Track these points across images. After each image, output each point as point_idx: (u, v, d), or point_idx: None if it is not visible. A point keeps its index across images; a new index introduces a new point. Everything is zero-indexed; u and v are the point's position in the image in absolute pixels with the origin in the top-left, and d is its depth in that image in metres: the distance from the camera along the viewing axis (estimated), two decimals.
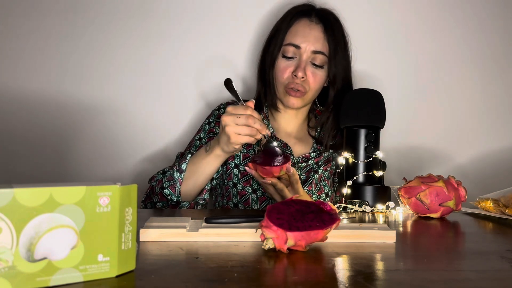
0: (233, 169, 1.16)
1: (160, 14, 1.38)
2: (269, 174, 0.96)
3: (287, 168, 0.95)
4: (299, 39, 1.15)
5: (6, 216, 0.41)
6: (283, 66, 1.16)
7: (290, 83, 1.15)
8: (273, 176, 0.96)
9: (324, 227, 0.58)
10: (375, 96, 1.11)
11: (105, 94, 1.36)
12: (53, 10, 1.34)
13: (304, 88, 1.15)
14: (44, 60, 1.34)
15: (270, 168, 0.95)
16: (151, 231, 0.63)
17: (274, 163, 0.95)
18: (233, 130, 0.93)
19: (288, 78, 1.15)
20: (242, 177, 1.15)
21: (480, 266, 0.56)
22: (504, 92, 1.49)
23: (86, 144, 1.36)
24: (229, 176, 1.16)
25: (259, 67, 1.25)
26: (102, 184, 0.46)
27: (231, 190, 1.14)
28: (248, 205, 1.14)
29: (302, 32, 1.16)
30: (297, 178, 0.98)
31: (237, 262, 0.53)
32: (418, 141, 1.47)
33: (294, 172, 0.97)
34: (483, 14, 1.48)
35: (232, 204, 1.15)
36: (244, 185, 1.14)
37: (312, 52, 1.15)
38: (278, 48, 1.17)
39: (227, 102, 1.24)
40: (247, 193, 1.13)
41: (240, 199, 1.14)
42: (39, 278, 0.43)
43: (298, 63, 1.15)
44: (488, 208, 1.00)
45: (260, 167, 0.96)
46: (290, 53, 1.15)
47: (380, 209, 1.01)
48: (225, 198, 1.16)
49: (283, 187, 0.98)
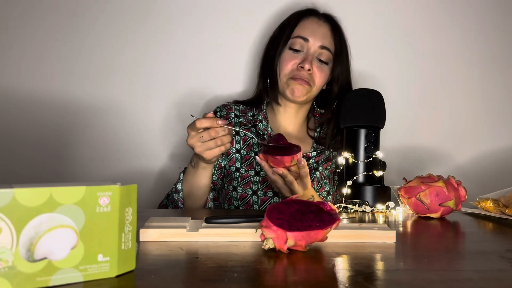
0: (234, 173, 1.16)
1: (162, 15, 1.38)
2: (280, 164, 0.95)
3: (298, 159, 0.94)
4: (307, 33, 1.16)
5: (6, 216, 0.41)
6: (289, 57, 1.16)
7: (295, 74, 1.15)
8: (284, 167, 0.95)
9: (324, 227, 0.58)
10: (375, 96, 1.11)
11: (105, 94, 1.36)
12: (54, 10, 1.34)
13: (309, 80, 1.15)
14: (44, 60, 1.34)
15: (282, 158, 0.94)
16: (151, 231, 0.63)
17: (285, 153, 0.94)
18: (202, 149, 0.94)
19: (293, 70, 1.15)
20: (242, 180, 1.15)
21: (480, 266, 0.56)
22: (504, 92, 1.49)
23: (86, 144, 1.36)
24: (230, 180, 1.16)
25: (261, 62, 1.25)
26: (102, 184, 0.46)
27: (232, 194, 1.14)
28: (250, 207, 1.14)
29: (310, 27, 1.17)
30: (307, 171, 0.97)
31: (237, 262, 0.53)
32: (418, 141, 1.47)
33: (305, 164, 0.96)
34: (483, 14, 1.47)
35: (234, 208, 1.15)
36: (244, 188, 1.14)
37: (320, 47, 1.16)
38: (285, 40, 1.18)
39: (223, 104, 1.24)
40: (248, 195, 1.13)
41: (241, 201, 1.14)
42: (39, 278, 0.43)
43: (305, 56, 1.16)
44: (488, 208, 1.00)
45: (271, 157, 0.95)
46: (297, 46, 1.17)
47: (380, 209, 1.01)
48: (226, 202, 1.16)
49: (293, 179, 0.97)
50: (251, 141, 1.19)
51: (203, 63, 1.40)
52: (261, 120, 1.22)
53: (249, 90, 1.40)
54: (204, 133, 0.93)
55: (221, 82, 1.41)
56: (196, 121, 0.93)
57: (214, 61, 1.40)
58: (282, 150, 0.96)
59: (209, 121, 0.93)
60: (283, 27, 1.21)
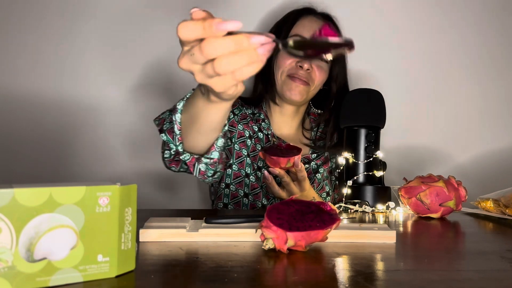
0: (226, 170, 1.15)
1: (161, 14, 1.38)
2: (276, 164, 0.97)
3: (295, 162, 0.96)
4: (306, 31, 1.16)
5: (6, 216, 0.41)
6: (287, 55, 1.15)
7: (294, 73, 1.14)
8: (280, 167, 0.97)
9: (324, 227, 0.58)
10: (375, 96, 1.10)
11: (105, 94, 1.36)
12: (52, 9, 1.34)
13: (308, 80, 1.14)
14: (44, 60, 1.34)
15: (277, 158, 0.96)
16: (151, 231, 0.63)
17: (284, 155, 0.97)
18: (202, 76, 0.54)
19: (292, 68, 1.14)
20: (235, 178, 1.14)
21: (480, 266, 0.56)
22: (504, 92, 1.49)
23: (86, 144, 1.36)
24: (222, 177, 1.15)
25: None
26: (102, 184, 0.46)
27: (223, 191, 1.14)
28: (239, 207, 1.13)
29: (309, 26, 1.17)
30: (304, 176, 0.98)
31: (237, 262, 0.53)
32: (418, 141, 1.47)
33: (302, 168, 0.97)
34: (482, 14, 1.47)
35: (222, 205, 1.14)
36: (236, 187, 1.13)
37: None
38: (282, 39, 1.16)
39: None
40: (239, 196, 1.13)
41: (231, 200, 1.13)
42: (39, 278, 0.43)
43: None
44: (488, 208, 1.00)
45: (268, 156, 0.98)
46: None
47: (380, 209, 1.01)
48: (216, 199, 1.16)
49: (290, 181, 0.98)
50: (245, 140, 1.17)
51: None
52: (264, 119, 1.21)
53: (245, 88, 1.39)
54: (195, 49, 0.50)
55: None
56: (189, 21, 0.49)
57: None
58: (282, 151, 0.98)
59: (207, 23, 0.47)
60: (280, 26, 1.20)
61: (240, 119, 1.18)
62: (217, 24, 0.46)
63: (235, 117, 1.19)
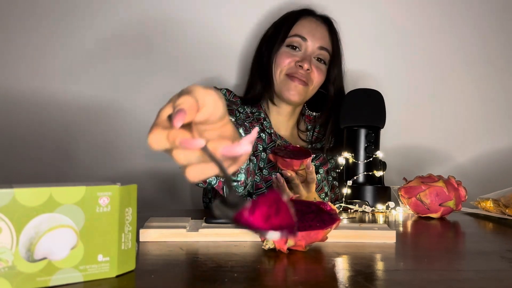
0: None
1: (160, 14, 1.38)
2: (289, 166, 0.96)
3: (307, 164, 0.95)
4: (306, 32, 1.15)
5: (6, 216, 0.41)
6: (287, 54, 1.15)
7: (293, 72, 1.14)
8: (292, 170, 0.96)
9: (324, 227, 0.58)
10: (375, 96, 1.11)
11: (105, 94, 1.36)
12: (53, 10, 1.34)
13: (307, 80, 1.14)
14: (44, 60, 1.34)
15: (291, 161, 0.95)
16: (151, 231, 0.63)
17: (296, 157, 0.95)
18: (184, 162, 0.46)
19: (291, 67, 1.14)
20: None
21: (480, 266, 0.56)
22: (504, 92, 1.49)
23: (86, 144, 1.36)
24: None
25: (254, 60, 1.22)
26: (102, 184, 0.46)
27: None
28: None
29: (309, 26, 1.16)
30: (314, 178, 0.98)
31: (237, 262, 0.53)
32: (418, 141, 1.47)
33: (313, 169, 0.96)
34: (482, 15, 1.47)
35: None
36: None
37: (318, 47, 1.16)
38: (282, 38, 1.16)
39: (229, 90, 1.20)
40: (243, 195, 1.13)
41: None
42: (39, 278, 0.43)
43: (303, 55, 1.15)
44: (488, 208, 1.00)
45: (280, 159, 0.96)
46: (295, 44, 1.15)
47: (380, 209, 1.01)
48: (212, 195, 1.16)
49: (299, 183, 0.98)
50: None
51: (202, 63, 1.40)
52: (264, 117, 1.20)
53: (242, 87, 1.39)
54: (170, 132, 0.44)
55: (215, 80, 1.41)
56: (156, 132, 0.45)
57: (211, 60, 1.40)
58: (293, 153, 0.97)
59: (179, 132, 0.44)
60: (279, 26, 1.19)
61: (245, 118, 1.18)
62: (181, 142, 0.43)
63: (241, 115, 1.18)
